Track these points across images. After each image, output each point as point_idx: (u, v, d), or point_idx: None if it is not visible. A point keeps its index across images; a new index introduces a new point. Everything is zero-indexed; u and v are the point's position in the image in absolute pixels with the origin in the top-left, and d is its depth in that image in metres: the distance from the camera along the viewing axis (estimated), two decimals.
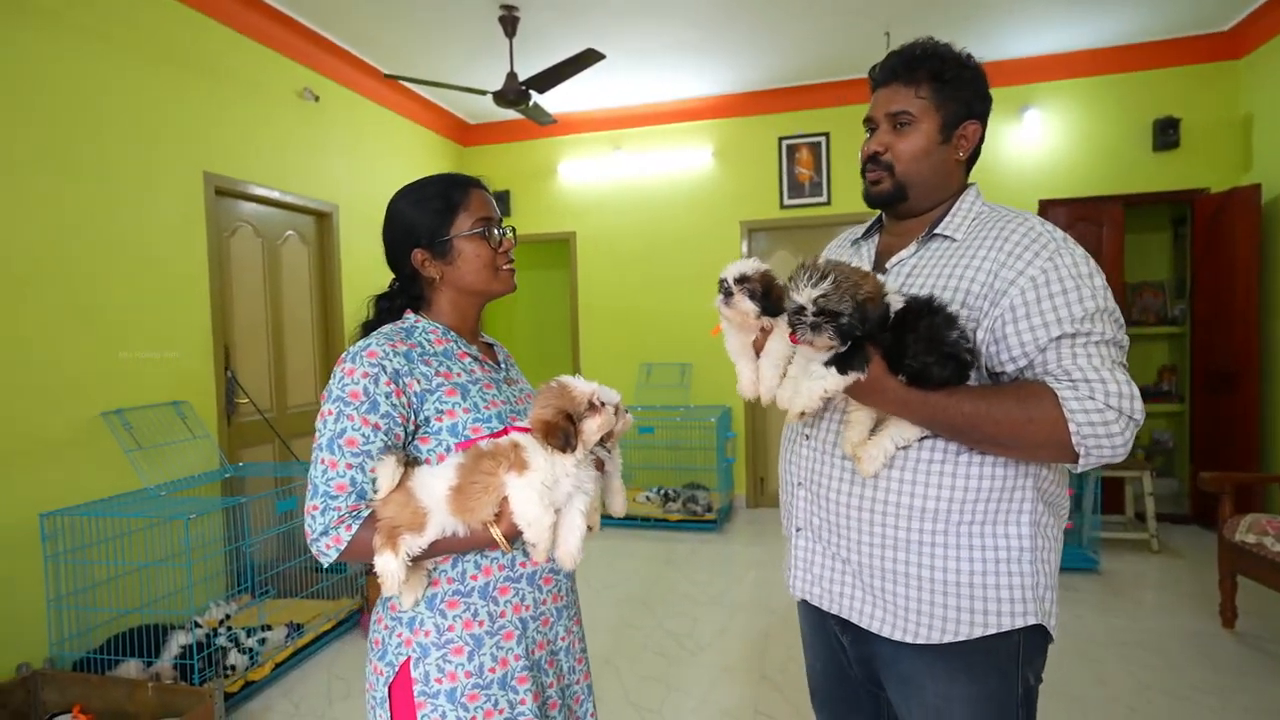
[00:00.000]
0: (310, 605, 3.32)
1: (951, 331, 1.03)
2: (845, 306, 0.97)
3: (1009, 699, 1.13)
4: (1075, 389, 1.00)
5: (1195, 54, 4.51)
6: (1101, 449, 0.99)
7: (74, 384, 2.84)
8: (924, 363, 1.02)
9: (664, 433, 5.38)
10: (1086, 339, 1.02)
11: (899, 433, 1.10)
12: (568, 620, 1.24)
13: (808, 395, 1.04)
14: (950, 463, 1.09)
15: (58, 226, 2.79)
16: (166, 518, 2.80)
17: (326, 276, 4.36)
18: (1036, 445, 1.02)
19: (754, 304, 1.10)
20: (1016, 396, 1.02)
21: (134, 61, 3.12)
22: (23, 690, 2.47)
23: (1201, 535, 4.38)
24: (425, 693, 1.09)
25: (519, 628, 1.14)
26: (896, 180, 1.19)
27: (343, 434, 1.05)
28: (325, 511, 1.04)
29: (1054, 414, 0.99)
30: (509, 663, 1.12)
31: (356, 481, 1.04)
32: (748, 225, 5.39)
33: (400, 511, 1.01)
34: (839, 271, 0.99)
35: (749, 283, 1.11)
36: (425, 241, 1.18)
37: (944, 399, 1.02)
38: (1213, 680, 2.69)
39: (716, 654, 3.05)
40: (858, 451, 1.12)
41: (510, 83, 3.77)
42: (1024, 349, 1.05)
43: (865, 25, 4.14)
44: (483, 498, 1.01)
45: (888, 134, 1.19)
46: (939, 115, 1.17)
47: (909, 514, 1.11)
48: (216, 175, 3.52)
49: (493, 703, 1.10)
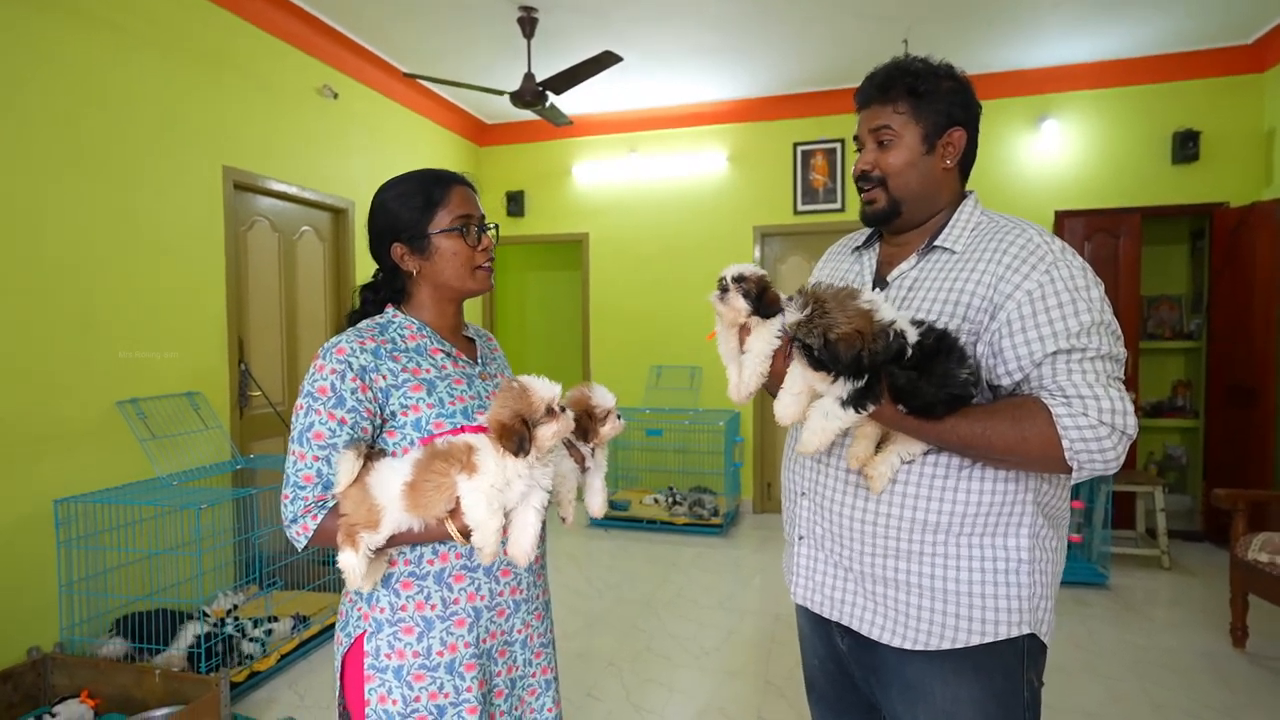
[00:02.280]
0: (316, 598, 3.35)
1: (962, 371, 1.04)
2: (814, 341, 0.99)
3: (1015, 700, 1.14)
4: (1069, 405, 1.02)
5: (1218, 66, 4.46)
6: (1094, 463, 1.02)
7: (90, 373, 2.87)
8: (928, 402, 1.03)
9: (672, 436, 5.38)
10: (1082, 355, 1.04)
11: (905, 448, 1.12)
12: (527, 613, 1.26)
13: (821, 435, 1.06)
14: (953, 478, 1.11)
15: (78, 219, 2.83)
16: (178, 507, 2.83)
17: (341, 273, 4.40)
18: (1031, 460, 1.05)
19: (746, 303, 1.14)
20: (1012, 416, 1.04)
21: (155, 55, 3.16)
22: (33, 673, 2.50)
23: (1213, 553, 4.33)
24: (375, 667, 1.13)
25: (471, 616, 1.17)
26: (890, 196, 1.21)
27: (310, 428, 1.09)
28: (294, 501, 1.10)
29: (1047, 431, 1.01)
30: (458, 649, 1.15)
31: (323, 473, 1.09)
32: (761, 230, 5.39)
33: (357, 509, 1.04)
34: (821, 306, 1.01)
35: (745, 283, 1.14)
36: (405, 236, 1.20)
37: (941, 424, 1.05)
38: (1224, 700, 2.65)
39: (721, 658, 3.04)
40: (867, 470, 1.13)
41: (528, 83, 3.79)
42: (1020, 363, 1.07)
43: (885, 32, 4.13)
44: (435, 496, 1.02)
45: (874, 151, 1.22)
46: (919, 127, 1.19)
47: (911, 526, 1.13)
48: (235, 169, 3.56)
49: (438, 685, 1.13)
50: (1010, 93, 4.79)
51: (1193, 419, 4.77)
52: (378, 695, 1.13)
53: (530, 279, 6.94)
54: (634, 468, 5.58)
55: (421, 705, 1.12)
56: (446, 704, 1.13)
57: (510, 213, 5.93)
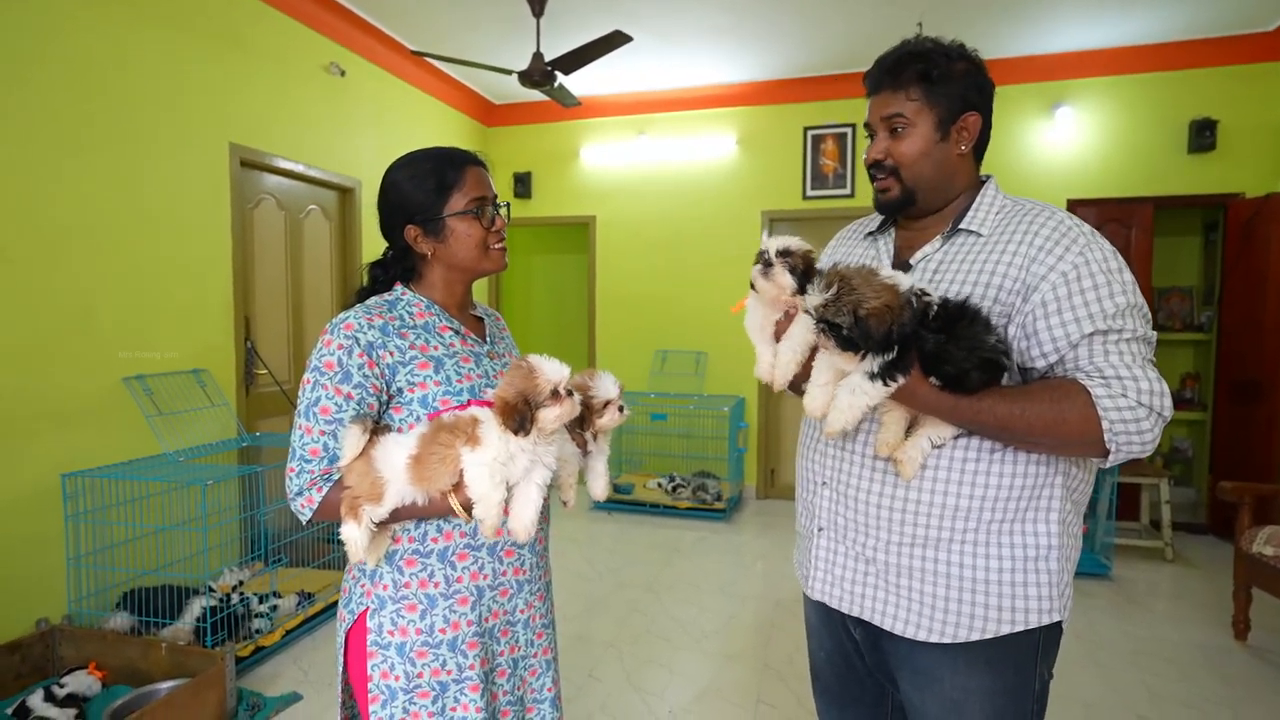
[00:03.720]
0: (321, 575, 3.37)
1: (990, 337, 1.02)
2: (844, 320, 0.97)
3: (1025, 693, 1.14)
4: (1108, 386, 1.00)
5: (1236, 54, 4.39)
6: (1131, 444, 1.01)
7: (98, 350, 2.88)
8: (962, 369, 1.01)
9: (676, 420, 5.38)
10: (1119, 336, 1.03)
11: (935, 432, 1.09)
12: (529, 594, 1.26)
13: (849, 412, 1.03)
14: (984, 461, 1.09)
15: (83, 195, 2.82)
16: (184, 483, 2.85)
17: (348, 252, 4.39)
18: (1068, 442, 1.03)
19: (793, 280, 1.08)
20: (1050, 397, 1.02)
21: (161, 30, 3.13)
22: (41, 644, 2.53)
23: (1217, 546, 4.32)
24: (377, 643, 1.14)
25: (474, 595, 1.17)
26: (904, 185, 1.18)
27: (317, 402, 1.10)
28: (300, 474, 1.10)
29: (1087, 412, 0.99)
30: (460, 626, 1.15)
31: (329, 447, 1.10)
32: (769, 215, 5.35)
33: (360, 481, 1.05)
34: (846, 283, 0.98)
35: (791, 257, 1.09)
36: (418, 219, 1.20)
37: (976, 402, 1.02)
38: (1225, 693, 2.66)
39: (721, 642, 3.06)
40: (897, 455, 1.11)
41: (536, 63, 3.75)
42: (1055, 345, 1.05)
43: (898, 15, 4.07)
44: (439, 468, 1.03)
45: (885, 140, 1.19)
46: (933, 114, 1.15)
47: (940, 512, 1.11)
48: (242, 147, 3.54)
49: (440, 662, 1.14)
50: (1024, 79, 4.72)
51: (1200, 412, 4.75)
52: (380, 671, 1.14)
53: (537, 262, 6.92)
54: (638, 452, 5.59)
55: (424, 681, 1.13)
56: (449, 680, 1.14)
57: (517, 194, 5.90)
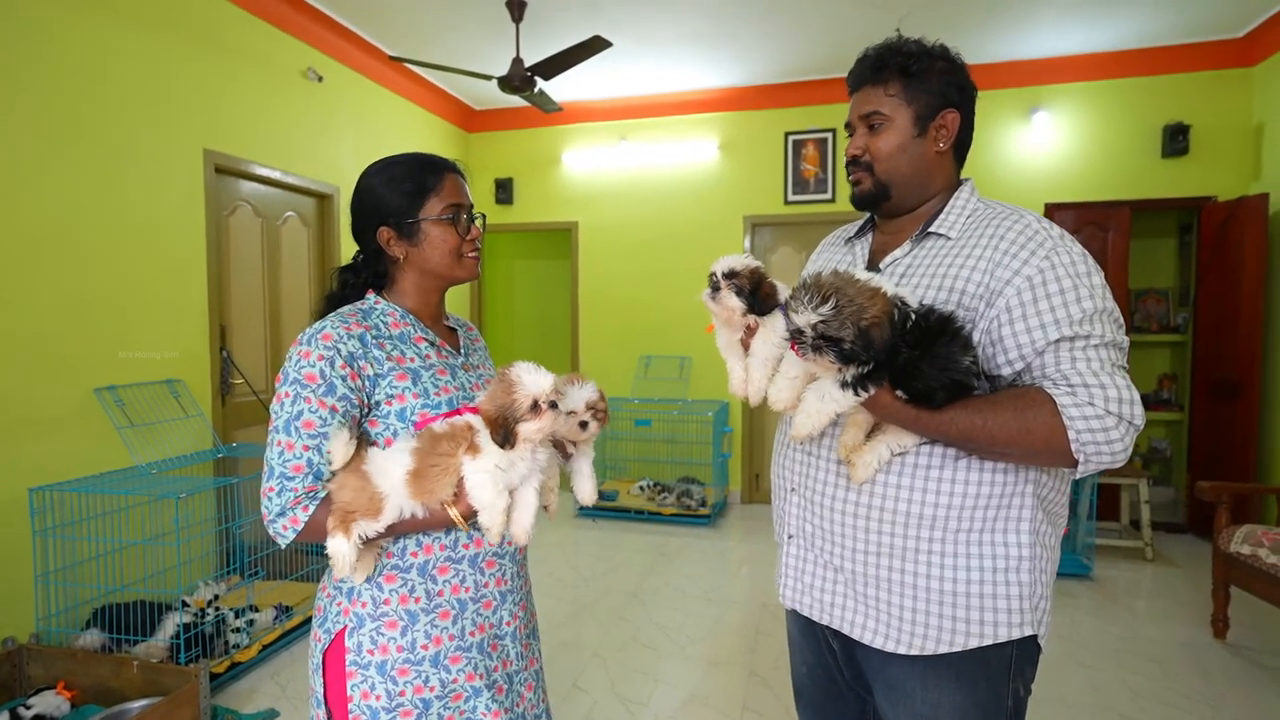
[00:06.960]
0: (299, 588, 3.30)
1: (965, 357, 0.99)
2: (847, 333, 0.93)
3: (998, 710, 1.10)
4: (1074, 394, 0.97)
5: (1208, 60, 4.47)
6: (1101, 455, 0.97)
7: (67, 359, 2.81)
8: (930, 387, 0.99)
9: (661, 426, 5.37)
10: (1085, 342, 1.00)
11: (896, 440, 1.07)
12: (513, 604, 1.23)
13: (817, 417, 1.02)
14: (949, 468, 1.07)
15: (53, 199, 2.76)
16: (157, 496, 2.78)
17: (326, 259, 4.33)
18: (1036, 453, 1.00)
19: (740, 301, 1.08)
20: (1014, 407, 0.99)
21: (136, 33, 3.08)
22: (8, 664, 2.46)
23: (1196, 545, 4.37)
24: (356, 662, 1.11)
25: (456, 608, 1.14)
26: (877, 180, 1.18)
27: (300, 416, 1.06)
28: (282, 493, 1.05)
29: (1052, 422, 0.96)
30: (442, 641, 1.13)
31: (313, 463, 1.06)
32: (751, 220, 5.36)
33: (357, 496, 1.02)
34: (842, 294, 0.94)
35: (737, 279, 1.09)
36: (393, 221, 1.18)
37: (939, 415, 1.00)
38: (1204, 690, 2.68)
39: (706, 649, 3.04)
40: (851, 457, 1.09)
41: (516, 68, 3.73)
42: (1021, 352, 1.03)
43: (878, 19, 4.09)
44: (441, 479, 1.01)
45: (864, 136, 1.19)
46: (910, 109, 1.15)
47: (906, 521, 1.08)
48: (217, 153, 3.49)
49: (423, 679, 1.11)
50: (1002, 84, 4.78)
51: (1178, 412, 4.81)
52: (360, 691, 1.10)
53: (519, 267, 6.89)
54: (622, 458, 5.57)
55: (406, 699, 1.10)
56: (432, 697, 1.11)
57: (499, 200, 5.87)
